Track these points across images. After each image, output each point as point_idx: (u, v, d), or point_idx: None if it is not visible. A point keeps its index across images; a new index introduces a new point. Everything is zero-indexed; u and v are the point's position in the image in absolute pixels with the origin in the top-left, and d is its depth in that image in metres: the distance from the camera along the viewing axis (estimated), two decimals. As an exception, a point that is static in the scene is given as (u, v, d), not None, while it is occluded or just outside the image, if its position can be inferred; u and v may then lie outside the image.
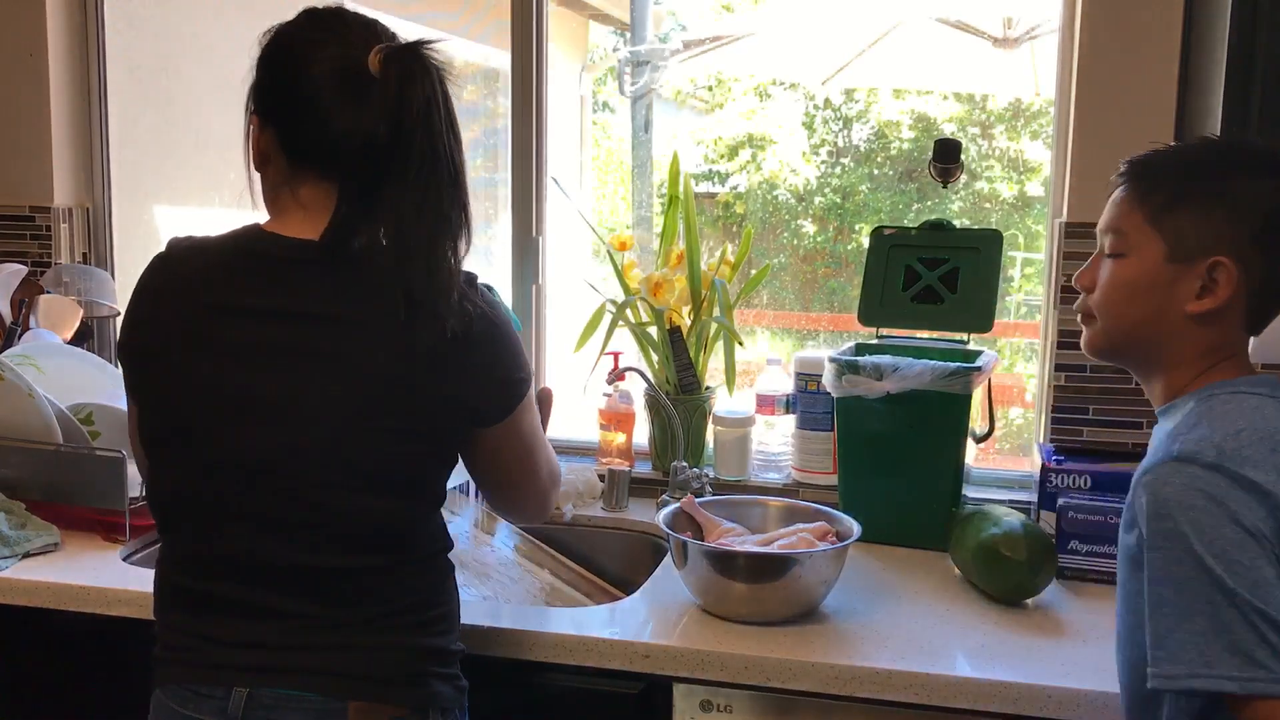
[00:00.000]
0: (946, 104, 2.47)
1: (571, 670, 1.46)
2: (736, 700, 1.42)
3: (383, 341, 1.16)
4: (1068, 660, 1.40)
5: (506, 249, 2.24)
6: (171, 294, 1.21)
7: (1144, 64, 1.85)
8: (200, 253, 1.22)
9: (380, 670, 1.20)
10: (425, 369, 1.17)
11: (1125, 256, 1.17)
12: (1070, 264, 1.91)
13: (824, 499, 2.01)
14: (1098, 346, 1.22)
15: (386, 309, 1.15)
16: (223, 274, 1.20)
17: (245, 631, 1.19)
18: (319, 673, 1.18)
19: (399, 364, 1.16)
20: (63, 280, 2.26)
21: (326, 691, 1.17)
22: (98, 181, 2.42)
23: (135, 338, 1.24)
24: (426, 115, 1.14)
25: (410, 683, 1.22)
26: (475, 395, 1.21)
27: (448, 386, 1.18)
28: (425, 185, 1.15)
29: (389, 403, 1.16)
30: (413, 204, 1.14)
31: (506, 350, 1.24)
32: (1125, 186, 1.19)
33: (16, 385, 1.80)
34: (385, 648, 1.21)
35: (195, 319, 1.19)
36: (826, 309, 2.41)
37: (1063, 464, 1.77)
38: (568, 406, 2.18)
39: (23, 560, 1.70)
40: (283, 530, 1.18)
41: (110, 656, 1.62)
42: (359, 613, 1.20)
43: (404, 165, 1.14)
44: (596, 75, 4.87)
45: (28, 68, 2.32)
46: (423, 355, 1.16)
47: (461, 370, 1.19)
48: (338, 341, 1.16)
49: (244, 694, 1.17)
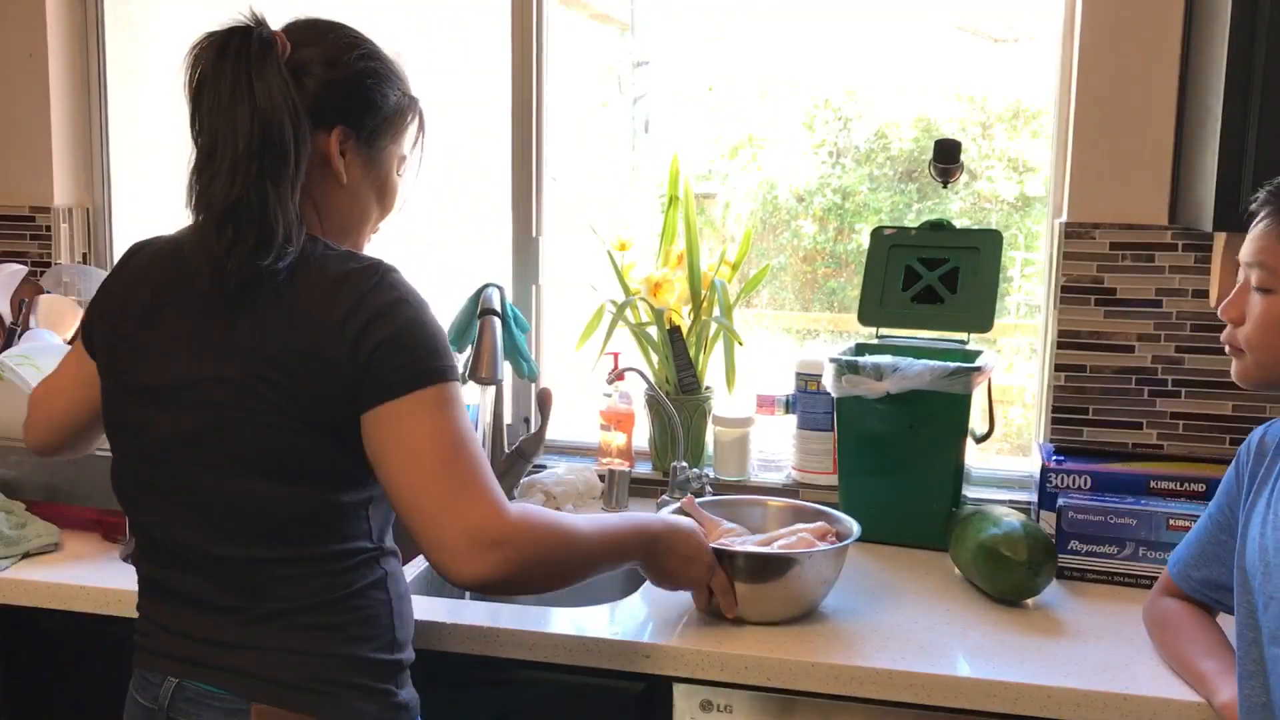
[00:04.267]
0: (946, 104, 2.47)
1: (571, 670, 1.46)
2: (736, 700, 1.42)
3: (239, 316, 1.15)
4: (1068, 660, 1.40)
5: (507, 249, 2.24)
6: (103, 292, 1.28)
7: (1144, 64, 1.85)
8: (142, 250, 1.28)
9: (283, 673, 1.17)
10: (277, 338, 1.14)
11: (1275, 293, 1.15)
12: (1070, 264, 1.91)
13: (824, 499, 2.01)
14: (1252, 380, 1.21)
15: (213, 284, 1.15)
16: (140, 270, 1.26)
17: (179, 620, 1.21)
18: (228, 670, 1.18)
19: (250, 338, 1.15)
20: (63, 280, 2.26)
21: (233, 689, 1.17)
22: (98, 181, 2.42)
23: (99, 328, 1.28)
24: (199, 90, 1.16)
25: (315, 691, 1.17)
26: (335, 355, 1.12)
27: (302, 341, 1.13)
28: (205, 154, 1.15)
29: (253, 379, 1.13)
30: (203, 176, 1.15)
31: (392, 325, 1.13)
32: (1271, 218, 1.16)
33: (16, 385, 1.80)
34: (290, 650, 1.18)
35: (111, 314, 1.25)
36: (826, 309, 2.40)
37: (1063, 464, 1.77)
38: (568, 406, 2.18)
39: (23, 560, 1.70)
40: (192, 517, 1.19)
41: (110, 656, 1.62)
42: (264, 608, 1.18)
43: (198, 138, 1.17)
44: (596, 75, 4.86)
45: (28, 68, 2.32)
46: (270, 325, 1.14)
47: (324, 334, 1.12)
48: (199, 324, 1.17)
49: (173, 684, 1.19)
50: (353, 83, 1.23)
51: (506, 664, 1.47)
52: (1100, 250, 1.89)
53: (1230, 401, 1.88)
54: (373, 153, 1.26)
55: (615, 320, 2.10)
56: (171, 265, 1.23)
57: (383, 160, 1.28)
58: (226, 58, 1.14)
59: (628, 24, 2.84)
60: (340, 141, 1.23)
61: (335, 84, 1.21)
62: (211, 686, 1.18)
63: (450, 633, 1.48)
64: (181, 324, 1.19)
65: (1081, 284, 1.91)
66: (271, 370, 1.13)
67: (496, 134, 2.23)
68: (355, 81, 1.23)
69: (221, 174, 1.13)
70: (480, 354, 1.88)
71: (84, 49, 2.38)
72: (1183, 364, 1.89)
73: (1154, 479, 1.74)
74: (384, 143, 1.27)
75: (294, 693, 1.17)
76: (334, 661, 1.19)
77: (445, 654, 1.48)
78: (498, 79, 2.20)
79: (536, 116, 2.19)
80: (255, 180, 1.13)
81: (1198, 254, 1.86)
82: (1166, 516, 1.63)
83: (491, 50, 2.24)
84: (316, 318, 1.14)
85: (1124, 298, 1.89)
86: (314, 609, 1.18)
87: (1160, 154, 1.85)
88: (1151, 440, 1.91)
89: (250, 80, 1.13)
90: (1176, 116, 1.84)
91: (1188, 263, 1.87)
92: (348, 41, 1.24)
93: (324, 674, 1.18)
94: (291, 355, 1.13)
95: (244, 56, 1.14)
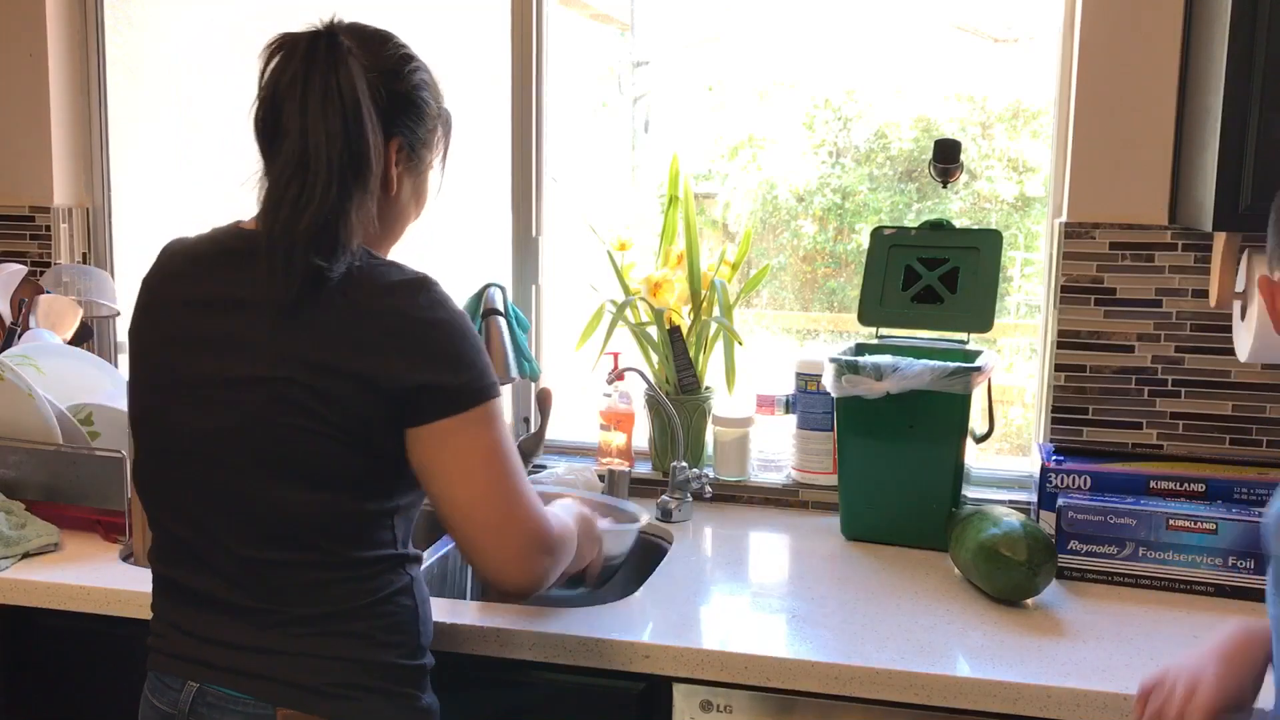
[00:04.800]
0: (946, 104, 2.47)
1: (571, 670, 1.46)
2: (736, 700, 1.42)
3: (280, 322, 1.15)
4: (1068, 660, 1.40)
5: (507, 249, 2.24)
6: (150, 288, 1.27)
7: (1144, 64, 1.85)
8: (182, 248, 1.27)
9: (309, 678, 1.17)
10: (323, 347, 1.13)
11: None
12: (1070, 264, 1.91)
13: (824, 499, 2.01)
14: None
15: (277, 289, 1.14)
16: (184, 267, 1.25)
17: (201, 623, 1.20)
18: (253, 675, 1.17)
19: (296, 343, 1.14)
20: (63, 280, 2.26)
21: (258, 694, 1.16)
22: (98, 181, 2.42)
23: (131, 327, 1.29)
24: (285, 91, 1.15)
25: (341, 696, 1.18)
26: (380, 370, 1.13)
27: (347, 352, 1.13)
28: (285, 158, 1.14)
29: (296, 385, 1.13)
30: (276, 178, 1.15)
31: (438, 344, 1.15)
32: None
33: (16, 385, 1.80)
34: (316, 654, 1.17)
35: (161, 311, 1.24)
36: (826, 309, 2.40)
37: (1063, 464, 1.77)
38: (568, 406, 2.18)
39: (23, 560, 1.70)
40: (221, 517, 1.18)
41: (110, 656, 1.62)
42: (291, 612, 1.17)
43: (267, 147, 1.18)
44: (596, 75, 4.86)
45: (28, 68, 2.32)
46: (317, 333, 1.14)
47: (370, 348, 1.13)
48: (246, 324, 1.17)
49: (194, 689, 1.18)
50: (410, 95, 1.25)
51: (506, 664, 1.47)
52: (1100, 250, 1.90)
53: (1230, 401, 1.88)
54: (416, 162, 1.29)
55: (615, 320, 2.10)
56: (230, 263, 1.21)
57: (422, 169, 1.32)
58: (316, 63, 1.14)
59: (628, 24, 2.84)
60: (396, 151, 1.25)
61: (397, 96, 1.23)
62: (234, 691, 1.17)
63: (450, 633, 1.48)
64: (233, 322, 1.18)
65: (1081, 284, 1.91)
66: (315, 377, 1.13)
67: (496, 134, 2.23)
68: (413, 94, 1.26)
69: (317, 181, 1.13)
70: (491, 356, 1.87)
71: (84, 49, 2.38)
72: (1183, 364, 1.89)
73: (1154, 479, 1.74)
74: (425, 153, 1.31)
75: (319, 698, 1.17)
76: (360, 667, 1.19)
77: (445, 654, 1.48)
78: (496, 78, 2.20)
79: (536, 116, 2.19)
80: (343, 188, 1.14)
81: (1198, 254, 1.86)
82: (1166, 516, 1.63)
83: (491, 50, 2.24)
84: (364, 330, 1.14)
85: (1124, 298, 1.90)
86: (342, 614, 1.19)
87: (1160, 154, 1.85)
88: (1151, 440, 1.91)
89: (340, 87, 1.14)
90: (1176, 116, 1.84)
91: (1188, 263, 1.87)
92: (404, 53, 1.27)
93: (350, 679, 1.18)
94: (336, 365, 1.13)
95: (332, 63, 1.15)
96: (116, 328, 2.42)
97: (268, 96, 1.17)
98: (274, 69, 1.17)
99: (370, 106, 1.16)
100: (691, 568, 1.74)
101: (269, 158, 1.18)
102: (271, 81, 1.16)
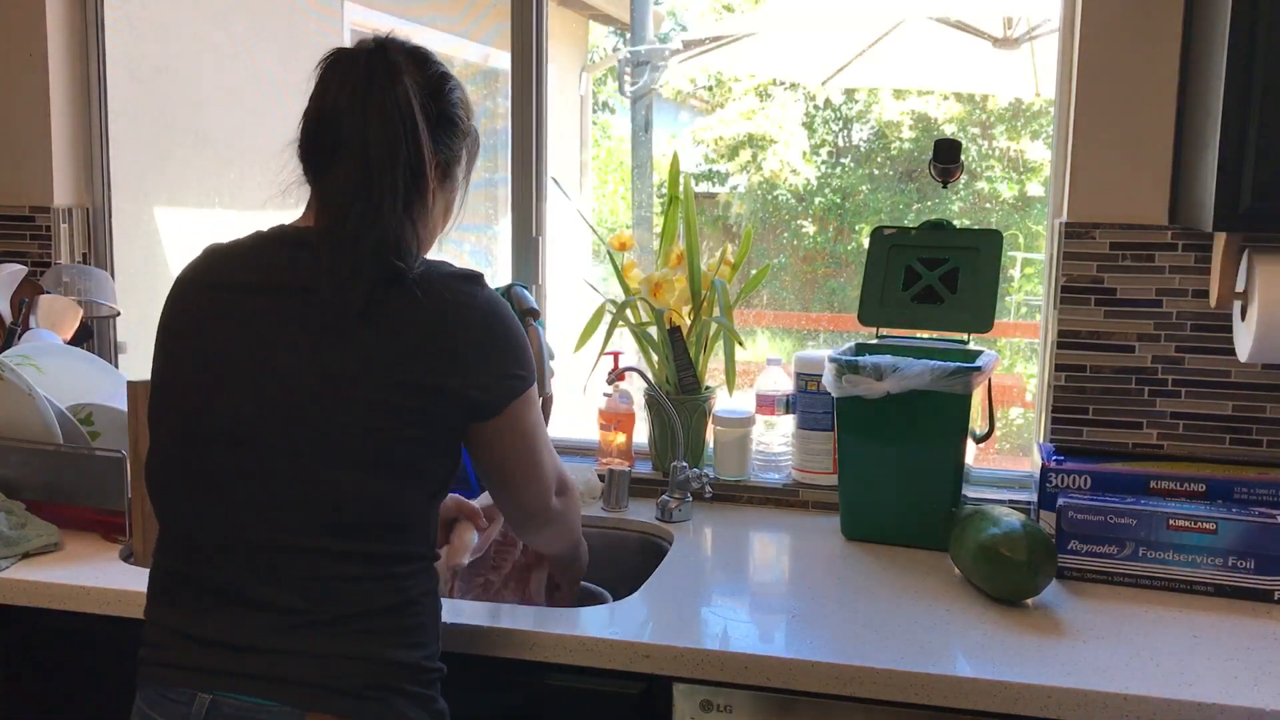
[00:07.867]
0: (946, 104, 2.48)
1: (571, 670, 1.46)
2: (736, 700, 1.42)
3: (349, 322, 1.18)
4: (1068, 660, 1.40)
5: (507, 249, 2.24)
6: (183, 281, 1.29)
7: (1144, 64, 1.85)
8: (225, 247, 1.30)
9: (342, 681, 1.16)
10: (402, 349, 1.18)
11: None
12: (1070, 264, 1.91)
13: (824, 499, 2.01)
14: None
15: (347, 293, 1.18)
16: (228, 260, 1.27)
17: (216, 627, 1.18)
18: (280, 680, 1.15)
19: (364, 342, 1.18)
20: (63, 280, 2.26)
21: (286, 700, 1.15)
22: (98, 181, 2.42)
23: (161, 320, 1.30)
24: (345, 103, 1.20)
25: (372, 698, 1.17)
26: (463, 384, 1.21)
27: (432, 372, 1.19)
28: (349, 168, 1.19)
29: (362, 374, 1.17)
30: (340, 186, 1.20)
31: (496, 343, 1.24)
32: None
33: (16, 385, 1.80)
34: (350, 656, 1.17)
35: (196, 299, 1.26)
36: (826, 309, 2.40)
37: (1063, 464, 1.77)
38: (568, 406, 2.18)
39: (23, 560, 1.70)
40: (267, 506, 1.18)
41: (110, 656, 1.62)
42: (331, 609, 1.17)
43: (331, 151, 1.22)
44: (596, 75, 4.87)
45: (28, 68, 2.32)
46: (398, 333, 1.19)
47: (446, 357, 1.20)
48: (312, 316, 1.19)
49: (206, 700, 1.16)
50: (449, 112, 1.30)
51: (507, 664, 1.47)
52: (1100, 250, 1.90)
53: (1230, 401, 1.88)
54: (447, 178, 1.34)
55: (615, 320, 2.10)
56: (289, 255, 1.24)
57: (453, 185, 1.36)
58: (375, 78, 1.20)
59: (628, 24, 2.85)
60: (436, 166, 1.29)
61: (439, 114, 1.28)
62: (257, 699, 1.15)
63: (450, 633, 1.48)
64: (298, 312, 1.20)
65: (1081, 284, 1.91)
66: (386, 374, 1.17)
67: (496, 134, 2.23)
68: (450, 111, 1.31)
69: (383, 193, 1.18)
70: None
71: (84, 49, 2.38)
72: (1183, 364, 1.89)
73: (1154, 479, 1.74)
74: (456, 169, 1.35)
75: (351, 700, 1.16)
76: (390, 668, 1.20)
77: (445, 654, 1.47)
78: (497, 78, 2.20)
79: (537, 116, 2.19)
80: (406, 199, 1.20)
81: (1198, 254, 1.86)
82: (1166, 516, 1.63)
83: (491, 50, 2.24)
84: (437, 328, 1.19)
85: (1124, 298, 1.90)
86: (374, 614, 1.19)
87: (1160, 154, 1.85)
88: (1151, 440, 1.91)
89: (398, 102, 1.20)
90: (1176, 116, 1.84)
91: (1188, 263, 1.87)
92: (444, 71, 1.31)
93: (380, 680, 1.19)
94: (408, 363, 1.18)
95: (390, 79, 1.20)
96: (116, 328, 2.42)
97: (325, 109, 1.21)
98: (331, 83, 1.22)
99: (423, 121, 1.22)
100: (691, 568, 1.74)
101: (322, 169, 1.23)
102: (329, 95, 1.21)
